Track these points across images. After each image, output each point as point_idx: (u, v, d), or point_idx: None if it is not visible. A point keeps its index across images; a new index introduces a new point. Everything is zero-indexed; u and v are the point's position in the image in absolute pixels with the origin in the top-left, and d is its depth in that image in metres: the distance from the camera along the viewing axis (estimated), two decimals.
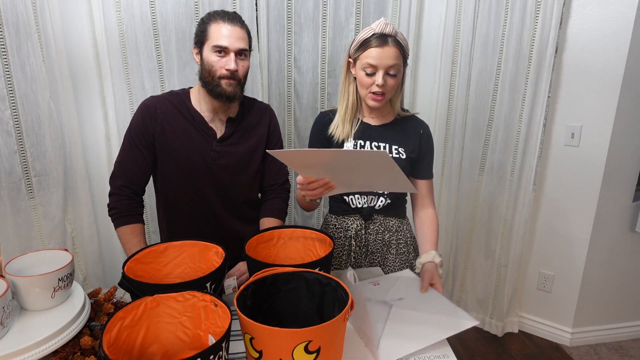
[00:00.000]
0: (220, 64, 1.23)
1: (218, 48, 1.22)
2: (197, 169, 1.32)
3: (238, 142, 1.35)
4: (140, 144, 1.30)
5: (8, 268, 0.88)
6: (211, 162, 1.32)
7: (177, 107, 1.32)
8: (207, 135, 1.32)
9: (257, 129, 1.39)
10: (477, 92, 2.09)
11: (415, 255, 1.40)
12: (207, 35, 1.24)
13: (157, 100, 1.32)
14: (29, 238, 1.68)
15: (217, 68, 1.24)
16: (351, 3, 1.91)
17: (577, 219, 2.10)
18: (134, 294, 0.90)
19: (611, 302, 2.22)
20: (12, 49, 1.52)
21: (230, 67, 1.22)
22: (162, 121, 1.30)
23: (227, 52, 1.23)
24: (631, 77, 1.88)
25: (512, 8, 1.93)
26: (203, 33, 1.25)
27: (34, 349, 0.78)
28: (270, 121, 1.42)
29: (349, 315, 0.76)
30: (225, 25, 1.22)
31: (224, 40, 1.22)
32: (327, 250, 1.08)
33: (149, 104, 1.32)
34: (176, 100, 1.33)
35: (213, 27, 1.23)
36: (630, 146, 1.99)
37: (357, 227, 1.36)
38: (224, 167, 1.34)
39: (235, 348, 0.91)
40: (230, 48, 1.22)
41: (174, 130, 1.30)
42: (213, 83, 1.25)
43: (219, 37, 1.22)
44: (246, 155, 1.37)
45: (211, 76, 1.25)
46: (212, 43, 1.23)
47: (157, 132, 1.30)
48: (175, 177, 1.33)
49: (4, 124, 1.55)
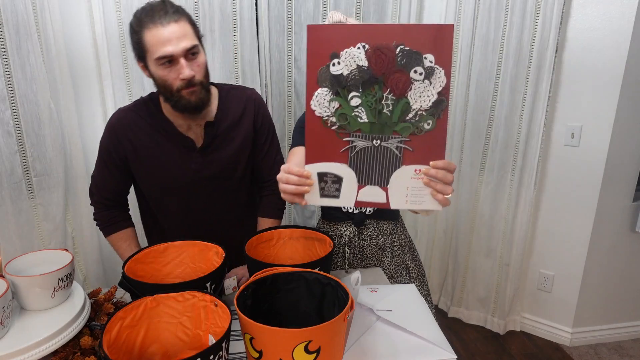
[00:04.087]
0: (172, 76, 1.06)
1: (163, 60, 1.04)
2: (180, 185, 1.21)
3: (221, 148, 1.21)
4: (112, 165, 1.20)
5: (8, 268, 0.88)
6: (193, 175, 1.20)
7: (148, 121, 1.18)
8: (185, 147, 1.18)
9: (241, 125, 1.23)
10: (477, 92, 2.09)
11: (411, 257, 1.40)
12: (145, 47, 1.05)
13: (124, 117, 1.18)
14: (30, 238, 1.68)
15: (170, 81, 1.06)
16: (351, 3, 1.91)
17: (577, 219, 2.10)
18: (134, 294, 0.90)
19: (611, 302, 2.22)
20: (12, 49, 1.52)
21: (185, 75, 1.05)
22: (133, 140, 1.17)
23: (174, 59, 1.04)
24: (631, 77, 1.88)
25: (512, 8, 1.93)
26: (139, 45, 1.06)
27: (34, 349, 0.78)
28: (257, 112, 1.25)
29: (349, 315, 0.76)
30: (160, 28, 1.02)
31: (166, 48, 1.02)
32: (327, 250, 1.08)
33: (115, 123, 1.18)
34: (145, 112, 1.18)
35: (148, 36, 1.03)
36: (630, 146, 1.99)
37: (350, 234, 1.34)
38: (208, 177, 1.22)
39: (235, 348, 0.91)
40: (176, 54, 1.03)
41: (148, 147, 1.17)
42: (174, 98, 1.09)
43: (158, 46, 1.02)
44: (232, 160, 1.24)
45: (168, 91, 1.08)
46: (153, 55, 1.04)
47: (128, 152, 1.18)
48: (156, 194, 1.25)
49: (4, 124, 1.55)
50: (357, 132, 0.86)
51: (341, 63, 0.83)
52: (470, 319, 2.40)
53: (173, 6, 1.06)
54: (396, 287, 1.14)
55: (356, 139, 0.87)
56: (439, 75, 0.83)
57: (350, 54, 0.82)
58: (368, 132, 0.86)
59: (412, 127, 0.85)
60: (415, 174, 0.87)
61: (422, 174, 0.87)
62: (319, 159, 0.88)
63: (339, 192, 0.90)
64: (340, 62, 0.83)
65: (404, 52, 0.81)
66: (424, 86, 0.83)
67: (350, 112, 0.85)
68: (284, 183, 0.90)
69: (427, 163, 0.86)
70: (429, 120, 0.85)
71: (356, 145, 0.87)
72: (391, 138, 0.86)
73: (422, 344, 0.91)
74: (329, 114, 0.86)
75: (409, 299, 1.08)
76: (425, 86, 0.83)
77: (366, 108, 0.85)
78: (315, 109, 0.86)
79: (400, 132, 0.86)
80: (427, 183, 0.86)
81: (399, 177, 0.88)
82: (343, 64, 0.83)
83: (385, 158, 0.87)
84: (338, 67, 0.84)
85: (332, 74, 0.84)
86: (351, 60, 0.83)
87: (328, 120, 0.86)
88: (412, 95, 0.84)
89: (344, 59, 0.83)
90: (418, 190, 0.88)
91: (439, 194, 0.86)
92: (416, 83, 0.83)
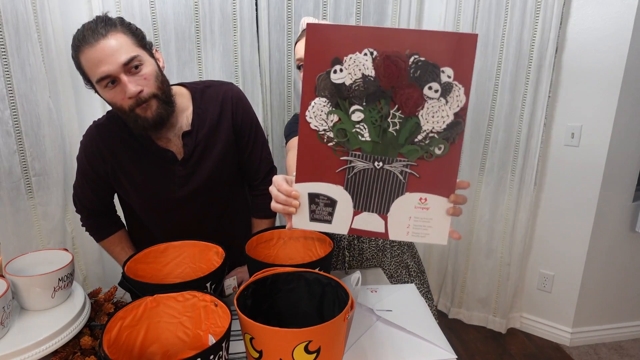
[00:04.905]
0: (119, 97, 0.97)
1: (104, 82, 0.96)
2: (164, 201, 1.15)
3: (203, 157, 1.14)
4: (92, 181, 1.15)
5: (8, 268, 0.88)
6: (178, 190, 1.14)
7: (125, 136, 1.10)
8: (165, 162, 1.11)
9: (220, 129, 1.15)
10: (477, 92, 2.09)
11: (410, 255, 1.40)
12: (85, 72, 0.98)
13: (98, 134, 1.11)
14: (28, 238, 1.68)
15: (119, 102, 0.98)
16: (351, 3, 1.91)
17: (577, 219, 2.10)
18: (134, 294, 0.90)
19: (611, 302, 2.22)
20: (11, 49, 1.52)
21: (130, 93, 0.95)
22: (110, 160, 1.11)
23: (116, 78, 0.96)
24: (631, 77, 1.88)
25: (512, 8, 1.93)
26: (81, 71, 0.99)
27: (34, 349, 0.78)
28: (235, 111, 1.16)
29: (349, 315, 0.76)
30: (90, 48, 0.93)
31: (101, 68, 0.94)
32: (327, 250, 1.07)
33: (89, 142, 1.11)
34: (121, 127, 1.10)
35: (83, 60, 0.96)
36: (630, 146, 1.99)
37: (349, 237, 1.34)
38: (195, 189, 1.15)
39: (235, 348, 0.91)
40: (113, 72, 0.94)
41: (127, 165, 1.11)
42: (130, 119, 1.01)
43: (93, 69, 0.95)
44: (217, 166, 1.16)
45: (123, 113, 1.01)
46: (94, 79, 0.97)
47: (108, 171, 1.12)
48: (141, 210, 1.20)
49: (4, 123, 1.55)
50: (357, 151, 0.76)
51: (344, 70, 0.72)
52: (470, 319, 2.40)
53: (103, 20, 0.96)
54: (396, 287, 1.14)
55: (355, 158, 0.76)
56: (457, 94, 0.71)
57: (355, 61, 0.72)
58: (370, 152, 0.76)
59: (421, 150, 0.75)
60: (420, 202, 0.78)
61: (428, 203, 0.77)
62: (312, 178, 0.78)
63: (331, 217, 0.80)
64: (343, 69, 0.72)
65: (419, 63, 0.70)
66: (439, 105, 0.72)
67: (350, 127, 0.75)
68: (274, 199, 0.81)
69: (434, 192, 0.77)
70: (441, 144, 0.74)
71: (355, 166, 0.77)
72: (395, 161, 0.76)
73: (422, 344, 0.91)
74: (326, 127, 0.75)
75: (409, 299, 1.08)
76: (441, 105, 0.72)
77: (369, 125, 0.74)
78: (310, 121, 0.75)
79: (406, 155, 0.75)
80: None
81: (401, 205, 0.78)
82: (346, 71, 0.72)
83: (387, 183, 0.77)
84: (340, 75, 0.73)
85: (332, 82, 0.73)
86: (356, 68, 0.72)
87: (324, 135, 0.75)
88: (423, 115, 0.73)
89: (347, 66, 0.72)
90: (422, 222, 0.79)
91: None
92: (430, 101, 0.72)
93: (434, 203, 0.78)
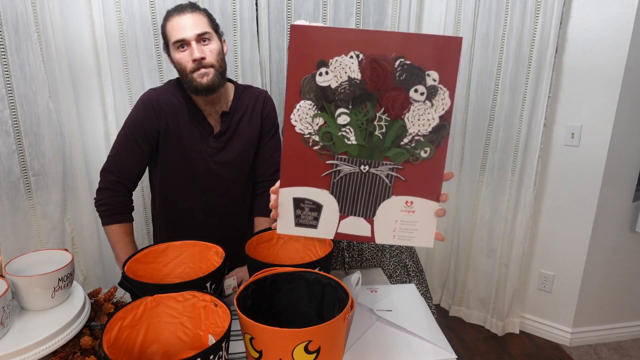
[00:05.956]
0: (186, 59, 1.20)
1: (178, 43, 1.20)
2: (196, 166, 1.30)
3: (233, 137, 1.32)
4: (141, 140, 1.26)
5: (8, 268, 0.88)
6: (208, 159, 1.30)
7: (179, 99, 1.28)
8: (205, 131, 1.30)
9: (252, 120, 1.35)
10: (477, 92, 2.09)
11: (409, 254, 1.40)
12: (167, 36, 1.23)
13: (159, 94, 1.28)
14: (27, 238, 1.68)
15: (184, 63, 1.21)
16: (351, 3, 1.91)
17: (577, 219, 2.09)
18: (134, 294, 0.90)
19: (611, 302, 2.22)
20: (11, 49, 1.52)
21: (195, 55, 1.18)
22: (167, 116, 1.26)
23: (188, 44, 1.20)
24: (631, 77, 1.88)
25: (512, 8, 1.93)
26: (164, 35, 1.25)
27: (34, 349, 0.78)
28: (264, 106, 1.37)
29: (349, 315, 0.76)
30: (177, 18, 1.20)
31: (180, 33, 1.19)
32: (327, 250, 1.07)
33: (152, 97, 1.27)
34: (177, 92, 1.29)
35: (168, 26, 1.22)
36: (630, 146, 1.99)
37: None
38: (221, 163, 1.32)
39: (235, 348, 0.91)
40: (188, 38, 1.19)
41: (178, 125, 1.27)
42: (187, 81, 1.23)
43: (175, 32, 1.20)
44: (243, 150, 1.34)
45: (184, 74, 1.22)
46: (171, 41, 1.21)
47: (161, 127, 1.26)
48: (175, 174, 1.31)
49: (3, 123, 1.55)
50: (342, 155, 0.75)
51: (329, 73, 0.71)
52: (470, 318, 2.40)
53: (192, 4, 1.23)
54: (396, 287, 1.14)
55: (341, 162, 0.76)
56: (442, 97, 0.72)
57: (341, 64, 0.71)
58: (355, 155, 0.75)
59: (407, 154, 0.75)
60: (406, 206, 0.77)
61: (414, 206, 0.77)
62: (296, 182, 0.77)
63: (317, 222, 0.79)
64: (329, 71, 0.71)
65: (404, 66, 0.71)
66: (425, 108, 0.73)
67: (336, 131, 0.74)
68: (271, 204, 0.83)
69: (420, 195, 0.76)
70: (427, 147, 0.75)
71: (341, 170, 0.76)
72: (382, 164, 0.76)
73: (422, 344, 0.91)
74: (311, 131, 0.74)
75: (409, 299, 1.08)
76: (426, 108, 0.73)
77: (355, 128, 0.74)
78: (295, 124, 0.74)
79: (392, 159, 0.75)
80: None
81: (387, 208, 0.78)
82: (332, 74, 0.71)
83: (373, 187, 0.77)
84: (325, 78, 0.72)
85: (318, 84, 0.72)
86: (341, 71, 0.72)
87: (310, 138, 0.75)
88: (409, 118, 0.73)
89: (333, 69, 0.71)
90: (408, 225, 0.78)
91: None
92: (416, 104, 0.73)
93: (419, 206, 0.78)
